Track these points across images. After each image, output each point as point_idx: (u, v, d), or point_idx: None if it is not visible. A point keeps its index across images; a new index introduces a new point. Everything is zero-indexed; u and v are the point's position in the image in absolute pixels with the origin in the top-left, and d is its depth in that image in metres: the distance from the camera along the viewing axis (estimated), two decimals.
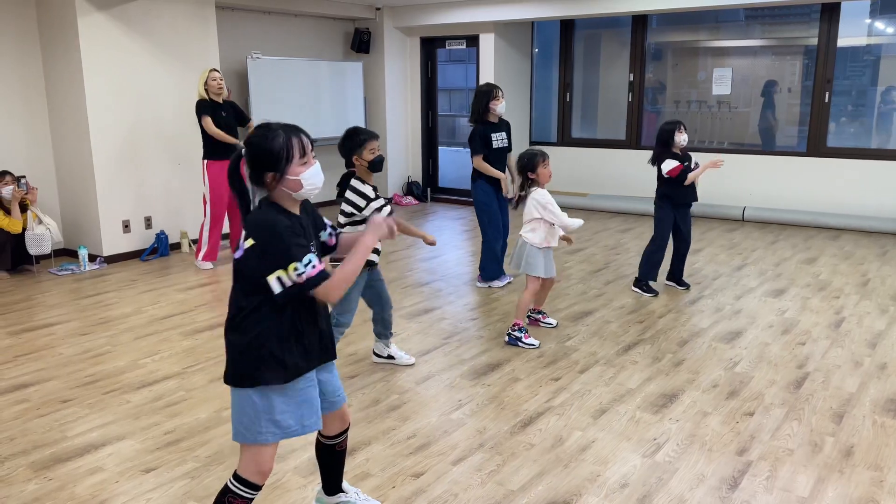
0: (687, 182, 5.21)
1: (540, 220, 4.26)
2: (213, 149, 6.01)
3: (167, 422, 3.41)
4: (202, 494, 2.79)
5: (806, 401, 3.57)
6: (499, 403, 3.58)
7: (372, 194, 3.65)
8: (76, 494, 2.81)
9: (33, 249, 6.00)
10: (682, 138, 5.20)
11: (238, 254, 2.12)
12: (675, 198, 5.35)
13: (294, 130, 2.13)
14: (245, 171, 2.13)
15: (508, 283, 5.61)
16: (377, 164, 3.63)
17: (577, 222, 4.27)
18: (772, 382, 3.80)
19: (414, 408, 3.54)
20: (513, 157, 5.37)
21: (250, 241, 2.08)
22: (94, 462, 3.05)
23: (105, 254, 6.46)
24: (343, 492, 2.63)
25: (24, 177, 6.09)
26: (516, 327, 4.32)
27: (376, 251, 3.79)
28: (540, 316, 4.68)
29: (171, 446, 3.17)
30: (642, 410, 3.49)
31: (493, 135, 5.34)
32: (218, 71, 6.06)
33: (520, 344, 4.29)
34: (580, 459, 3.03)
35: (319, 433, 2.48)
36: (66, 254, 6.69)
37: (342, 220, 3.72)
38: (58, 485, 2.88)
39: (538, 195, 4.27)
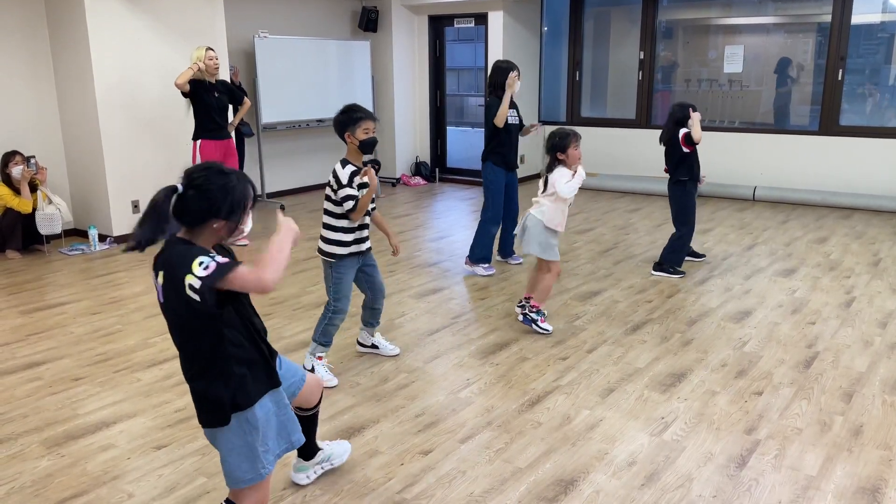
0: (696, 138, 5.11)
1: (552, 195, 4.07)
2: (205, 127, 5.94)
3: (177, 399, 3.44)
4: (213, 471, 2.82)
5: (815, 380, 3.56)
6: (507, 382, 3.59)
7: (346, 179, 3.44)
8: (88, 471, 2.84)
9: (44, 229, 6.03)
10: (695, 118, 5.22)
11: (161, 299, 1.98)
12: (693, 178, 5.31)
13: (248, 179, 2.05)
14: (169, 207, 1.96)
15: (492, 274, 5.42)
16: (368, 146, 3.47)
17: (571, 188, 4.02)
18: (781, 362, 3.79)
19: (422, 386, 3.56)
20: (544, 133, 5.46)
21: (162, 275, 1.96)
22: (106, 439, 3.08)
23: (115, 234, 6.49)
24: (320, 449, 2.76)
25: (33, 157, 6.10)
26: (534, 309, 4.23)
27: (361, 240, 3.61)
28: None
29: (181, 423, 3.20)
30: (650, 389, 3.49)
31: (508, 111, 5.28)
32: (213, 50, 5.99)
33: (534, 326, 4.22)
34: (588, 438, 3.04)
35: (299, 408, 2.54)
36: (76, 234, 6.73)
37: (326, 206, 3.56)
38: (70, 461, 2.91)
39: (557, 172, 4.05)
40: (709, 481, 2.72)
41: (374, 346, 3.99)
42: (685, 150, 5.20)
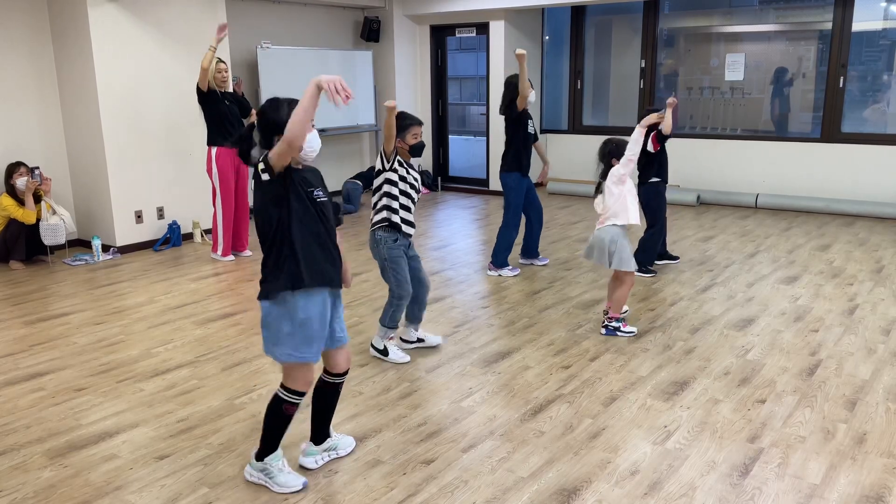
0: (667, 129, 5.14)
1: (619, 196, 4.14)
2: (219, 134, 5.92)
3: (180, 409, 3.44)
4: (215, 481, 2.82)
5: (818, 388, 3.55)
6: (509, 391, 3.58)
7: (386, 166, 3.76)
8: (91, 481, 2.84)
9: (48, 240, 6.05)
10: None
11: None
12: (664, 179, 5.47)
13: (295, 102, 2.52)
14: (255, 137, 2.61)
15: (517, 274, 5.61)
16: (417, 149, 3.80)
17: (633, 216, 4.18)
18: (784, 370, 3.78)
19: (425, 395, 3.55)
20: (542, 145, 5.75)
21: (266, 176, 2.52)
22: (109, 449, 3.08)
23: (118, 244, 6.51)
24: (329, 436, 2.96)
25: (37, 168, 6.13)
26: (613, 319, 4.28)
27: (411, 223, 3.85)
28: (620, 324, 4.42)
29: (184, 434, 3.20)
30: (653, 398, 3.48)
31: (527, 121, 5.49)
32: (223, 62, 6.02)
33: (618, 333, 4.26)
34: (590, 447, 3.04)
35: (327, 373, 2.84)
36: (79, 244, 6.75)
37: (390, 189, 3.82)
38: (73, 472, 2.91)
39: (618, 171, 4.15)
40: (712, 490, 2.71)
41: (420, 340, 4.14)
42: (652, 149, 5.26)
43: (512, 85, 5.41)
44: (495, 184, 9.24)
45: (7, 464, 2.98)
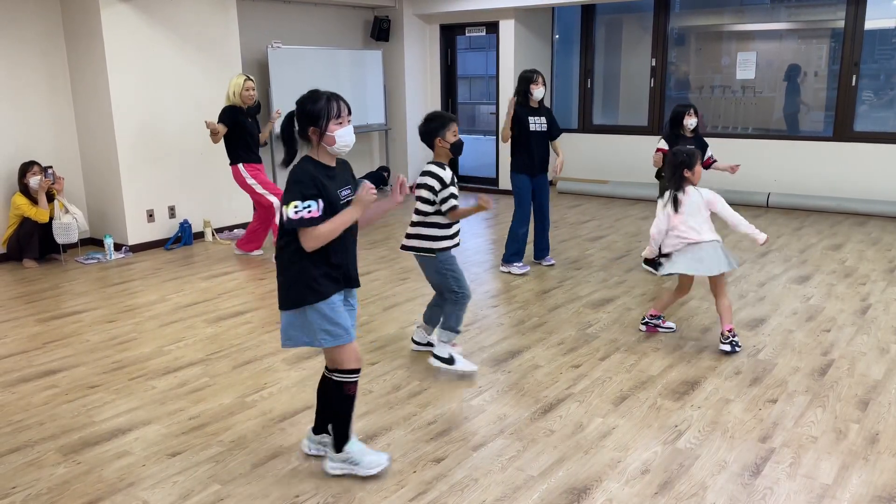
0: (661, 168, 5.20)
1: (703, 216, 4.14)
2: (243, 150, 5.85)
3: (192, 407, 3.46)
4: (226, 478, 2.83)
5: (830, 388, 3.54)
6: (519, 390, 3.59)
7: (449, 179, 3.62)
8: (104, 477, 2.87)
9: (60, 238, 6.10)
10: (690, 122, 5.37)
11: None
12: None
13: (334, 96, 2.57)
14: (293, 129, 2.62)
15: (526, 272, 5.59)
16: (458, 147, 3.68)
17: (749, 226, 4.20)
18: (795, 369, 3.76)
19: (434, 394, 3.56)
20: (558, 142, 5.70)
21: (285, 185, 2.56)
22: (122, 446, 3.10)
23: (130, 243, 6.55)
24: (328, 433, 2.89)
25: (50, 167, 6.18)
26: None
27: (456, 234, 3.82)
28: (659, 321, 4.38)
29: (195, 431, 3.22)
30: (664, 397, 3.47)
31: (530, 118, 5.46)
32: (252, 80, 5.89)
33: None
34: (601, 446, 3.03)
35: (326, 367, 2.79)
36: (91, 243, 6.80)
37: (419, 206, 3.69)
38: (86, 468, 2.94)
39: (711, 195, 4.14)
40: (723, 490, 2.70)
41: (429, 344, 4.05)
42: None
43: (523, 79, 5.44)
44: (505, 183, 9.24)
45: (21, 460, 3.01)
